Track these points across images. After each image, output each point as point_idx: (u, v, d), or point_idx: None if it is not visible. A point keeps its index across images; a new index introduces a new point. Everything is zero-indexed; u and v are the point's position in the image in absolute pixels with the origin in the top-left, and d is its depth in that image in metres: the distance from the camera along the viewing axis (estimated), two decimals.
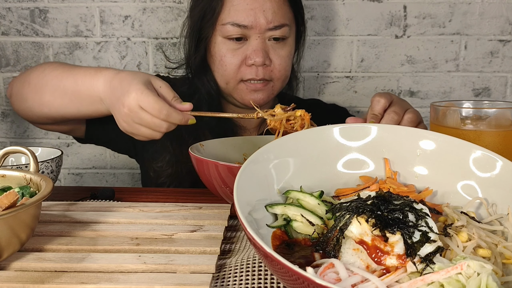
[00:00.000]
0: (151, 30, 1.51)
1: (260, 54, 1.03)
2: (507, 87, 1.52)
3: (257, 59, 1.03)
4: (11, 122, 1.59)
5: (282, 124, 0.78)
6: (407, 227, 0.49)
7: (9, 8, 1.52)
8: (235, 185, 0.52)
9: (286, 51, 1.08)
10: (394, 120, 0.79)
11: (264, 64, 1.04)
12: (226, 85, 1.09)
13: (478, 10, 1.47)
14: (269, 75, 1.07)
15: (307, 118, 0.78)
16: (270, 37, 1.05)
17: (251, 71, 1.05)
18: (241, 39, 1.04)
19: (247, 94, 1.08)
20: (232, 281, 0.54)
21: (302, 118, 0.78)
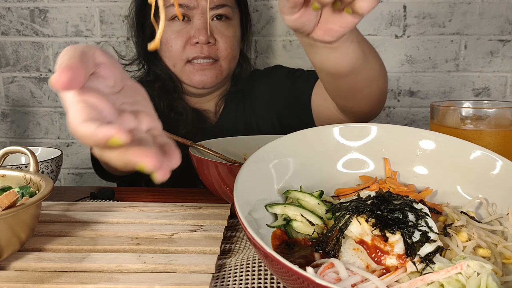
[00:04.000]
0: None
1: (203, 32, 1.05)
2: (507, 87, 1.53)
3: (201, 37, 1.04)
4: (11, 122, 1.59)
5: None
6: (407, 227, 0.49)
7: (9, 8, 1.52)
8: (235, 185, 0.52)
9: (230, 31, 1.10)
10: None
11: (209, 42, 1.06)
12: (174, 68, 1.10)
13: (478, 10, 1.47)
14: (215, 54, 1.08)
15: None
16: (213, 17, 1.07)
17: (196, 49, 1.06)
18: (183, 18, 1.06)
19: (195, 75, 1.09)
20: (232, 281, 0.54)
21: None
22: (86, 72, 0.40)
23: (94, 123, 0.37)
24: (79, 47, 0.42)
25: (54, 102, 1.59)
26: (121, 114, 0.43)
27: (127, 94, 0.46)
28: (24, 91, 1.59)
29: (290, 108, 1.13)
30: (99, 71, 0.43)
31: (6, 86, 1.58)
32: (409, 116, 1.56)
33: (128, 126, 0.42)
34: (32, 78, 1.57)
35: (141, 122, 0.44)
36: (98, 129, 0.36)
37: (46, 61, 1.56)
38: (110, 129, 0.36)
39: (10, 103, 1.59)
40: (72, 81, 0.38)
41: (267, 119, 1.18)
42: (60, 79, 0.37)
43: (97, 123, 0.37)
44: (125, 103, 0.45)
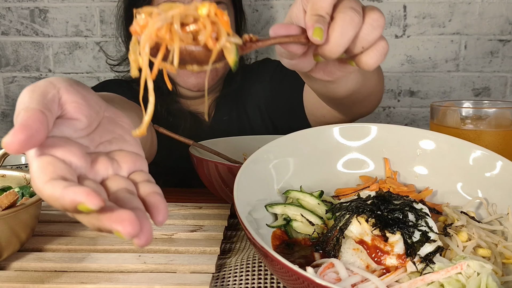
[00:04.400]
0: None
1: None
2: (507, 87, 1.52)
3: None
4: (11, 122, 1.59)
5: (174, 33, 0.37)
6: (407, 227, 0.49)
7: (9, 8, 1.52)
8: (235, 185, 0.52)
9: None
10: (354, 21, 0.46)
11: None
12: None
13: (478, 10, 1.47)
14: None
15: (223, 21, 0.39)
16: None
17: None
18: None
19: (190, 77, 1.05)
20: (232, 281, 0.54)
21: (212, 22, 0.39)
22: (46, 126, 0.34)
23: (60, 183, 0.31)
24: (38, 88, 0.36)
25: None
26: (95, 162, 0.37)
27: (105, 130, 0.40)
28: None
29: (281, 109, 1.10)
30: (67, 112, 0.38)
31: (6, 86, 1.58)
32: (409, 116, 1.56)
33: (103, 175, 0.37)
34: (32, 78, 1.57)
35: (120, 166, 0.38)
36: (64, 192, 0.31)
37: (46, 61, 1.56)
38: (79, 193, 0.30)
39: (10, 103, 1.60)
40: (29, 142, 0.32)
41: (260, 120, 1.15)
42: (14, 141, 0.31)
43: (64, 183, 0.31)
44: (102, 142, 0.40)
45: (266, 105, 1.14)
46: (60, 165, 0.33)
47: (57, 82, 0.38)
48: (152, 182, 0.38)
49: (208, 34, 0.37)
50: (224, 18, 0.38)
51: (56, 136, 0.36)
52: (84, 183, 0.35)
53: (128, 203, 0.34)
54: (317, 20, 0.45)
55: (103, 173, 0.37)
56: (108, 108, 0.42)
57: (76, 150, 0.36)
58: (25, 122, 0.32)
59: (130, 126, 0.43)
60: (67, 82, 0.39)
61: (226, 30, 0.38)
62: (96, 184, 0.36)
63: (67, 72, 1.56)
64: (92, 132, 0.39)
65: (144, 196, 0.36)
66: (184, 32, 0.37)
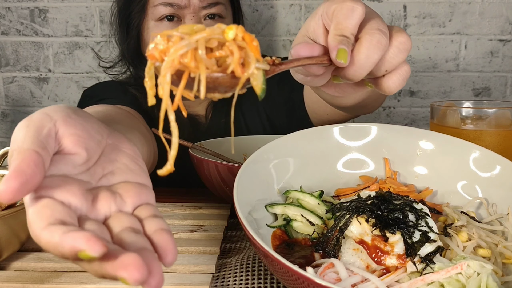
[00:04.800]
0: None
1: None
2: (507, 87, 1.52)
3: None
4: (11, 122, 1.59)
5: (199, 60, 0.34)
6: (407, 227, 0.49)
7: (9, 7, 1.52)
8: (235, 185, 0.52)
9: None
10: (381, 44, 0.43)
11: None
12: None
13: (478, 9, 1.47)
14: None
15: (253, 47, 0.36)
16: (205, 16, 0.99)
17: None
18: (173, 19, 0.97)
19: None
20: (232, 281, 0.54)
21: (240, 47, 0.35)
22: (42, 169, 0.31)
23: (59, 228, 0.29)
24: (33, 123, 0.34)
25: (54, 102, 1.59)
26: (96, 199, 0.35)
27: (107, 160, 0.38)
28: (24, 91, 1.59)
29: (280, 108, 1.08)
30: (65, 147, 0.35)
31: (6, 86, 1.58)
32: (409, 116, 1.56)
33: (106, 213, 0.35)
34: (32, 78, 1.57)
35: (124, 201, 0.36)
36: (63, 238, 0.28)
37: (46, 61, 1.56)
38: (78, 239, 0.28)
39: (10, 103, 1.59)
40: (24, 189, 0.30)
41: (257, 120, 1.13)
42: (7, 189, 0.29)
43: (62, 228, 0.29)
44: (105, 175, 0.37)
45: (264, 104, 1.13)
46: (58, 207, 0.31)
47: (53, 113, 0.36)
48: (159, 217, 0.35)
49: (237, 62, 0.34)
50: (253, 44, 0.36)
51: (54, 175, 0.34)
52: (85, 225, 0.32)
53: (133, 244, 0.31)
54: (341, 41, 0.42)
55: (105, 211, 0.35)
56: (111, 134, 0.40)
57: (75, 189, 0.33)
58: (18, 167, 0.30)
59: (135, 152, 0.40)
60: (64, 112, 0.36)
61: (255, 56, 0.35)
62: (98, 225, 0.33)
63: (67, 72, 1.56)
64: (94, 165, 0.37)
65: (150, 234, 0.33)
66: (208, 57, 0.34)
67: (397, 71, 0.46)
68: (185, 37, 0.33)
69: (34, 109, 1.61)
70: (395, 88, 0.46)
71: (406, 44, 0.45)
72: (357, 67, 0.43)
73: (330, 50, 0.43)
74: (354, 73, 0.43)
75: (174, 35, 0.33)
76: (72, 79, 1.57)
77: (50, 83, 1.57)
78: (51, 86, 1.58)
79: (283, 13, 1.49)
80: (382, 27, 0.44)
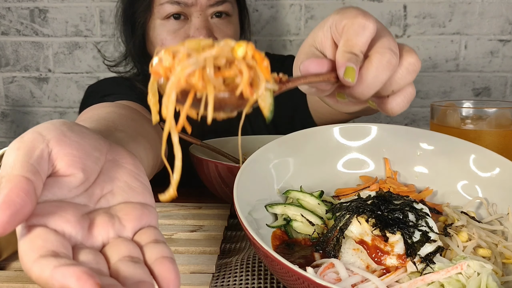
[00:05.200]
0: None
1: (203, 32, 0.94)
2: (507, 87, 1.52)
3: (201, 37, 0.93)
4: (11, 122, 1.59)
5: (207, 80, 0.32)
6: (407, 227, 0.49)
7: (8, 8, 1.52)
8: (235, 185, 0.52)
9: (231, 29, 1.00)
10: (391, 64, 0.42)
11: None
12: None
13: (478, 9, 1.47)
14: None
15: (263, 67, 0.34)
16: (212, 14, 0.97)
17: None
18: (180, 17, 0.96)
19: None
20: (232, 281, 0.54)
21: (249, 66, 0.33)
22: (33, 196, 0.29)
23: (50, 261, 0.27)
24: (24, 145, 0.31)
25: (54, 102, 1.59)
26: (93, 225, 0.32)
27: (106, 179, 0.35)
28: (24, 91, 1.59)
29: (282, 107, 1.07)
30: (59, 168, 0.32)
31: (6, 86, 1.58)
32: (409, 116, 1.56)
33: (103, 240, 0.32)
34: (32, 78, 1.57)
35: (123, 225, 0.33)
36: (53, 273, 0.26)
37: (46, 61, 1.56)
38: (69, 276, 0.26)
39: (10, 103, 1.59)
40: (14, 221, 0.27)
41: (260, 119, 1.11)
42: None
43: (54, 261, 0.27)
44: (104, 195, 0.35)
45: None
46: (51, 237, 0.29)
47: (46, 132, 0.33)
48: (161, 242, 0.33)
49: (246, 83, 0.32)
50: (264, 64, 0.33)
51: (47, 200, 0.31)
52: (79, 255, 0.30)
53: (131, 277, 0.29)
54: (350, 58, 0.41)
55: (103, 237, 0.32)
56: (111, 149, 0.37)
57: (70, 215, 0.31)
58: (7, 197, 0.28)
59: (137, 167, 0.38)
60: (58, 130, 0.33)
61: (265, 77, 0.33)
62: (95, 255, 0.31)
63: (67, 72, 1.56)
64: (91, 185, 0.34)
65: (151, 263, 0.31)
66: (216, 76, 0.32)
67: (402, 92, 0.45)
68: (193, 54, 0.31)
69: (34, 109, 1.61)
70: (399, 110, 0.45)
71: (415, 65, 0.44)
72: (364, 86, 0.42)
73: (338, 67, 0.41)
74: (361, 92, 0.42)
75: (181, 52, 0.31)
76: (72, 79, 1.57)
77: (50, 83, 1.57)
78: (51, 86, 1.58)
79: (283, 13, 1.49)
80: (393, 47, 0.43)
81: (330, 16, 0.46)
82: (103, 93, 0.94)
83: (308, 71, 0.42)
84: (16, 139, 0.32)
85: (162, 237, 0.34)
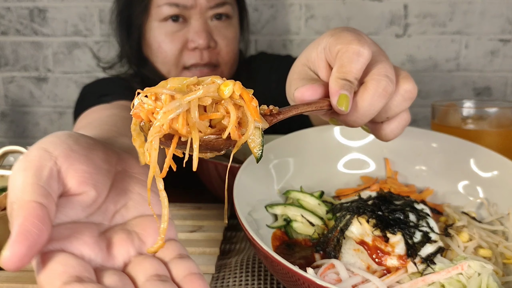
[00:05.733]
0: None
1: (203, 35, 0.91)
2: (507, 87, 1.52)
3: (201, 41, 0.90)
4: (10, 122, 1.59)
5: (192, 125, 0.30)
6: (408, 227, 0.49)
7: (8, 7, 1.52)
8: (235, 185, 0.52)
9: (231, 31, 0.97)
10: (387, 92, 0.41)
11: (209, 46, 0.92)
12: (168, 75, 0.96)
13: (479, 9, 1.46)
14: (216, 59, 0.95)
15: (251, 107, 0.32)
16: (212, 16, 0.94)
17: (195, 55, 0.92)
18: (179, 19, 0.92)
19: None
20: (232, 282, 0.53)
21: (236, 105, 0.32)
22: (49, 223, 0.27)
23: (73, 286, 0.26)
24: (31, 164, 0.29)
25: (53, 102, 1.59)
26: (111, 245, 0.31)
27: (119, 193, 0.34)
28: (23, 91, 1.58)
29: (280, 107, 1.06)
30: (70, 187, 0.31)
31: (6, 86, 1.58)
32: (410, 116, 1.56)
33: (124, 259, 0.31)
34: (32, 78, 1.57)
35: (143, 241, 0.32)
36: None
37: (45, 60, 1.55)
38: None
39: (9, 103, 1.59)
40: (32, 252, 0.26)
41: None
42: (13, 257, 0.25)
43: (79, 286, 0.26)
44: (118, 211, 0.34)
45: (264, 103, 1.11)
46: (72, 261, 0.28)
47: (53, 148, 0.31)
48: (186, 256, 0.32)
49: (233, 125, 0.30)
50: (252, 104, 0.31)
51: (61, 223, 0.30)
52: (104, 278, 0.28)
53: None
54: (343, 85, 0.40)
55: (124, 257, 0.31)
56: (120, 158, 0.36)
57: (87, 237, 0.30)
58: (22, 227, 0.26)
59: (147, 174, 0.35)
60: (65, 145, 0.31)
61: (254, 118, 0.31)
62: (119, 276, 0.29)
63: (67, 71, 1.56)
64: (104, 201, 0.33)
65: (179, 280, 0.30)
66: (201, 119, 0.29)
67: (396, 119, 0.44)
68: (176, 96, 0.29)
69: (33, 109, 1.60)
70: (393, 137, 0.45)
71: (411, 93, 0.43)
72: (359, 114, 0.41)
73: (331, 94, 0.41)
74: (355, 120, 0.42)
75: (164, 95, 0.29)
76: (72, 79, 1.57)
77: (50, 82, 1.57)
78: (51, 85, 1.58)
79: (283, 13, 1.49)
80: (390, 73, 0.41)
81: (324, 37, 0.45)
82: (100, 93, 0.92)
83: (304, 98, 0.41)
84: (20, 157, 0.30)
85: (185, 251, 0.33)
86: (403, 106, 0.43)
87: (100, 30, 1.52)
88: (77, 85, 1.56)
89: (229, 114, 0.30)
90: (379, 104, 0.41)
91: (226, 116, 0.30)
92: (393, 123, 0.44)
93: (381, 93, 0.40)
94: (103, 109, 0.75)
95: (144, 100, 0.29)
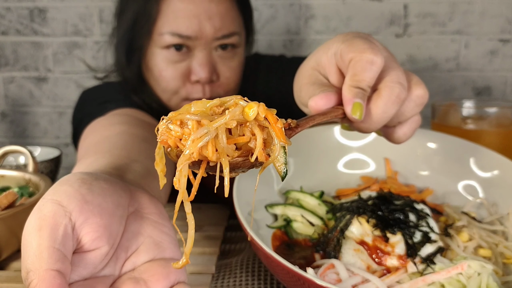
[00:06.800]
0: None
1: (206, 68, 0.85)
2: (507, 86, 1.52)
3: (203, 75, 0.85)
4: (10, 122, 1.59)
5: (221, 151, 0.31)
6: (408, 227, 0.49)
7: (8, 7, 1.52)
8: (235, 185, 0.52)
9: (236, 61, 0.91)
10: (400, 99, 0.42)
11: (211, 80, 0.88)
12: (169, 102, 0.92)
13: (479, 9, 1.46)
14: (217, 92, 0.90)
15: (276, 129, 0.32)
16: (217, 47, 0.88)
17: (198, 89, 0.88)
18: (182, 48, 0.86)
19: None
20: (232, 282, 0.53)
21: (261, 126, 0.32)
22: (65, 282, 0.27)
23: None
24: (46, 223, 0.29)
25: (53, 102, 1.59)
26: None
27: (130, 237, 0.34)
28: (23, 91, 1.58)
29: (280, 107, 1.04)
30: (84, 243, 0.31)
31: (6, 86, 1.58)
32: None
33: None
34: (32, 78, 1.57)
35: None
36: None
37: (45, 60, 1.55)
38: None
39: (9, 103, 1.59)
40: None
41: None
42: None
43: None
44: (129, 257, 0.34)
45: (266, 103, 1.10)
46: None
47: (67, 201, 0.30)
48: None
49: (260, 148, 0.31)
50: (278, 125, 0.32)
51: (73, 283, 0.30)
52: None
53: None
54: (357, 94, 0.41)
55: None
56: (133, 197, 0.36)
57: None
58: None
59: (160, 213, 0.37)
60: (79, 196, 0.31)
61: (280, 140, 0.32)
62: None
63: (67, 71, 1.56)
64: (116, 251, 0.33)
65: None
66: (228, 143, 0.30)
67: (408, 122, 0.45)
68: (203, 122, 0.29)
69: (33, 109, 1.60)
70: (405, 139, 0.46)
71: (423, 98, 0.45)
72: (372, 121, 0.42)
73: (345, 103, 0.41)
74: (369, 127, 0.42)
75: (191, 121, 0.29)
76: (72, 79, 1.57)
77: (50, 83, 1.57)
78: (51, 86, 1.58)
79: (283, 13, 1.49)
80: (402, 80, 0.43)
81: (334, 42, 0.45)
82: (102, 99, 0.89)
83: (318, 108, 0.42)
84: (34, 211, 0.29)
85: None
86: (415, 111, 0.45)
87: (100, 30, 1.52)
88: (77, 85, 1.56)
89: (255, 136, 0.31)
90: (392, 111, 0.41)
91: (252, 138, 0.31)
92: (405, 127, 0.45)
93: (394, 100, 0.41)
94: (110, 124, 0.71)
95: (171, 127, 0.30)
